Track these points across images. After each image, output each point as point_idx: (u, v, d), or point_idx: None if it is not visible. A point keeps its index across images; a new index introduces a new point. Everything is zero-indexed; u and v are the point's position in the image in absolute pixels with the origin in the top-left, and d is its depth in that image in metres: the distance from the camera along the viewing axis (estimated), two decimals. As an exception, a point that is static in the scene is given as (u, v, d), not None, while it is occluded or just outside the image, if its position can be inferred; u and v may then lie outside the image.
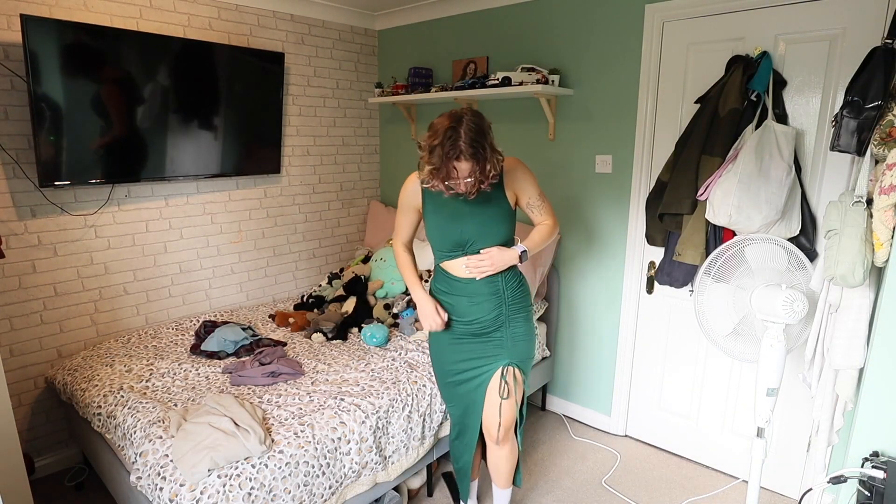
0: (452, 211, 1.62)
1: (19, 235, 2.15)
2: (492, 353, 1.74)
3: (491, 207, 1.62)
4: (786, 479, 2.23)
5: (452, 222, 1.63)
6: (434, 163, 1.45)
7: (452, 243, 1.65)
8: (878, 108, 1.29)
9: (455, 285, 1.72)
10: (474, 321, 1.72)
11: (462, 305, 1.72)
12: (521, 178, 1.66)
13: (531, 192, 1.69)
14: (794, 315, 1.54)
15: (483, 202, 1.60)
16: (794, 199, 1.92)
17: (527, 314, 1.77)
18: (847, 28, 1.84)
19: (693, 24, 2.18)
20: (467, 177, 1.46)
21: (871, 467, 1.08)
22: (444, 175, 1.47)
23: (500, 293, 1.70)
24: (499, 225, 1.64)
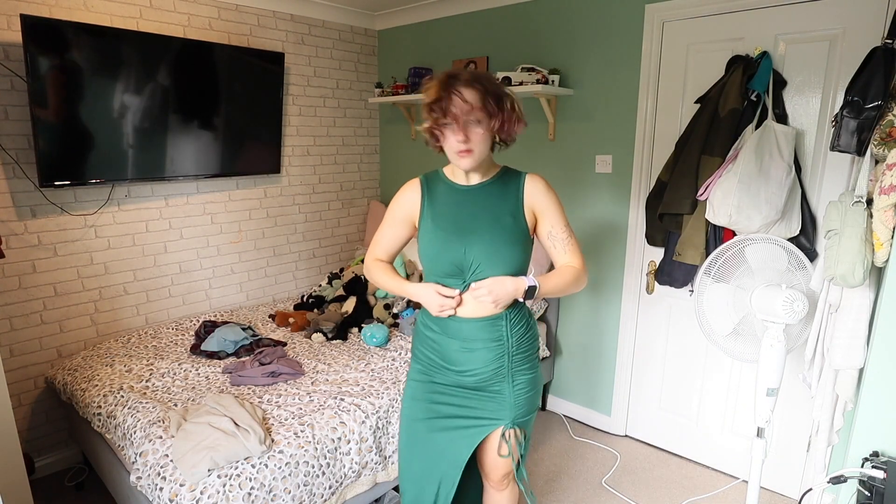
0: (456, 222, 1.31)
1: (19, 235, 2.15)
2: (488, 414, 1.39)
3: (505, 223, 1.30)
4: (786, 479, 2.23)
5: (455, 237, 1.29)
6: (432, 95, 1.22)
7: (451, 265, 1.30)
8: (878, 108, 1.29)
9: (447, 324, 1.36)
10: (467, 372, 1.36)
11: (453, 351, 1.36)
12: (545, 197, 1.34)
13: (555, 219, 1.34)
14: (794, 315, 1.53)
15: (496, 216, 1.31)
16: (794, 199, 1.92)
17: (533, 363, 1.43)
18: (847, 28, 1.84)
19: (693, 24, 2.18)
20: (474, 112, 1.18)
21: (871, 467, 1.08)
22: (444, 107, 1.19)
23: (502, 340, 1.35)
24: (512, 247, 1.30)
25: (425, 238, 1.35)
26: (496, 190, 1.34)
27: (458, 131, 1.20)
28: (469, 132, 1.20)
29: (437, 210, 1.35)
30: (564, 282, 1.34)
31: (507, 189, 1.33)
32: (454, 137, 1.22)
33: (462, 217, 1.32)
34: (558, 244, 1.35)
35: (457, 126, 1.20)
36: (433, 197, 1.36)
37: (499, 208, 1.31)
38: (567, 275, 1.34)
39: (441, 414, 1.40)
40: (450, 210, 1.34)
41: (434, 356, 1.40)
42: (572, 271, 1.35)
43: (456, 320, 1.34)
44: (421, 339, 1.45)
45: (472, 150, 1.22)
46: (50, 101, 2.03)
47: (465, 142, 1.20)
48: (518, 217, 1.32)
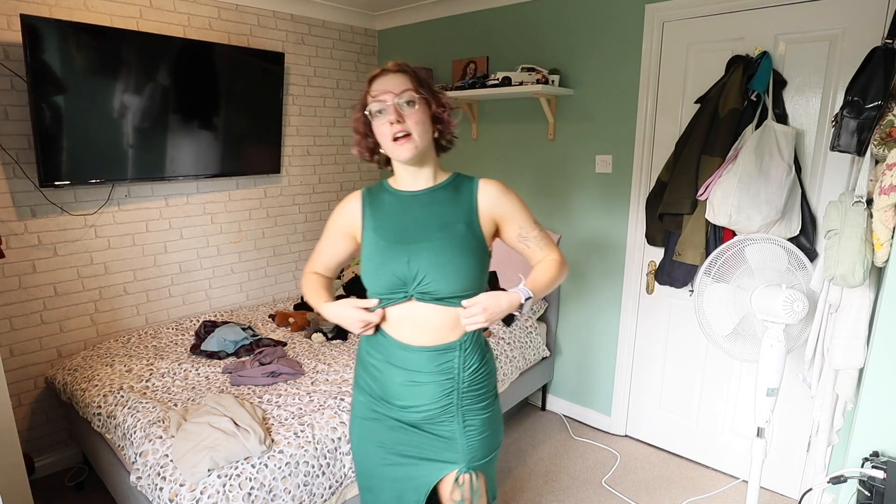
0: (399, 230, 1.17)
1: (19, 235, 2.15)
2: (438, 456, 1.22)
3: (456, 230, 1.14)
4: (786, 479, 2.23)
5: (397, 246, 1.14)
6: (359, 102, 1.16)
7: (393, 278, 1.14)
8: (878, 108, 1.29)
9: (392, 352, 1.19)
10: (410, 408, 1.19)
11: (395, 383, 1.19)
12: (504, 201, 1.20)
13: (522, 220, 1.23)
14: (794, 315, 1.53)
15: (445, 222, 1.15)
16: (794, 200, 1.92)
17: (488, 402, 1.25)
18: (847, 28, 1.84)
19: (693, 24, 2.18)
20: (406, 93, 1.10)
21: (871, 467, 1.08)
22: (372, 95, 1.12)
23: (453, 374, 1.18)
24: (463, 257, 1.13)
25: (366, 251, 1.20)
26: (447, 196, 1.19)
27: (391, 113, 1.09)
28: (403, 113, 1.10)
29: (379, 220, 1.20)
30: (551, 278, 1.22)
31: (459, 196, 1.19)
32: (387, 125, 1.10)
33: (406, 224, 1.17)
34: (532, 243, 1.24)
35: (386, 109, 1.10)
36: (376, 208, 1.22)
37: (450, 215, 1.16)
38: (551, 269, 1.23)
39: (392, 452, 1.24)
40: (393, 219, 1.19)
41: (375, 386, 1.24)
42: (554, 264, 1.24)
43: (402, 348, 1.18)
44: (363, 366, 1.28)
45: (411, 133, 1.10)
46: (50, 101, 2.03)
47: (399, 122, 1.09)
48: (472, 225, 1.17)
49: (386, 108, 1.10)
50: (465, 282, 1.14)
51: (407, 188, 1.21)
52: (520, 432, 2.75)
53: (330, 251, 1.33)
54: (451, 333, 1.17)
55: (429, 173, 1.20)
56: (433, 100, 1.15)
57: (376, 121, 1.12)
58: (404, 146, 1.11)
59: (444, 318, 1.15)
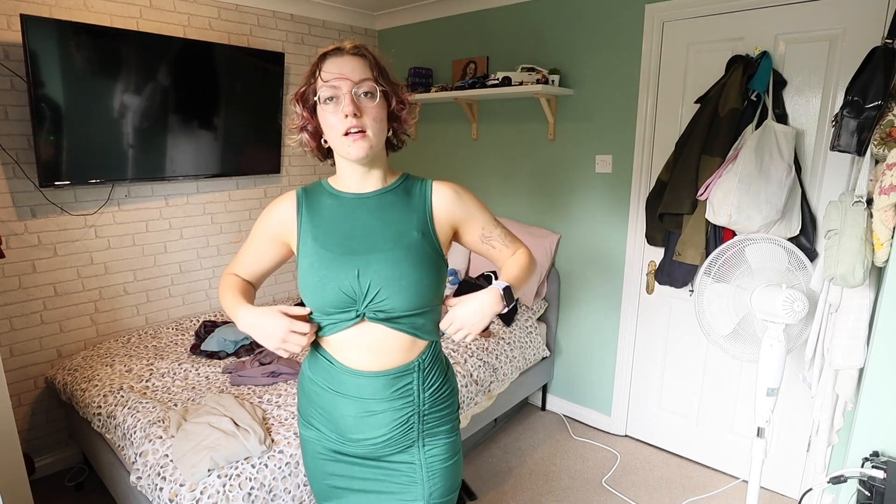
0: (346, 239, 1.01)
1: (19, 235, 2.15)
2: (395, 491, 1.09)
3: (410, 239, 1.01)
4: (786, 479, 2.23)
5: (344, 257, 0.99)
6: (304, 78, 0.99)
7: (339, 294, 0.97)
8: (878, 108, 1.29)
9: (339, 379, 1.04)
10: (367, 441, 1.05)
11: (346, 415, 1.04)
12: (462, 204, 1.07)
13: (484, 220, 1.11)
14: (794, 315, 1.53)
15: (399, 230, 1.01)
16: (795, 199, 1.92)
17: (452, 423, 1.13)
18: (847, 28, 1.84)
19: (693, 24, 2.18)
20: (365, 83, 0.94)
21: (871, 467, 1.08)
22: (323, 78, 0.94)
23: (412, 397, 1.04)
24: (420, 269, 0.99)
25: (305, 262, 1.02)
26: (397, 200, 1.04)
27: (347, 104, 0.92)
28: (360, 105, 0.94)
29: (319, 227, 1.03)
30: (523, 268, 1.10)
31: (410, 200, 1.04)
32: (339, 116, 0.93)
33: (354, 232, 1.01)
34: (497, 242, 1.12)
35: (340, 98, 0.93)
36: (314, 211, 1.05)
37: (402, 222, 1.02)
38: (522, 260, 1.12)
39: (351, 489, 1.11)
40: (337, 225, 1.02)
41: (325, 419, 1.08)
42: (523, 255, 1.14)
43: (351, 374, 1.02)
44: (307, 396, 1.11)
45: (366, 131, 0.94)
46: (50, 101, 2.03)
47: (355, 115, 0.92)
48: (428, 234, 1.03)
49: (339, 96, 0.93)
50: (423, 298, 1.00)
51: (351, 190, 1.05)
52: (520, 432, 2.75)
53: (255, 257, 1.13)
54: (406, 354, 1.03)
55: (378, 175, 1.04)
56: (393, 94, 1.00)
57: (324, 108, 0.95)
58: (357, 144, 0.94)
59: (398, 338, 1.01)
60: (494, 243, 1.13)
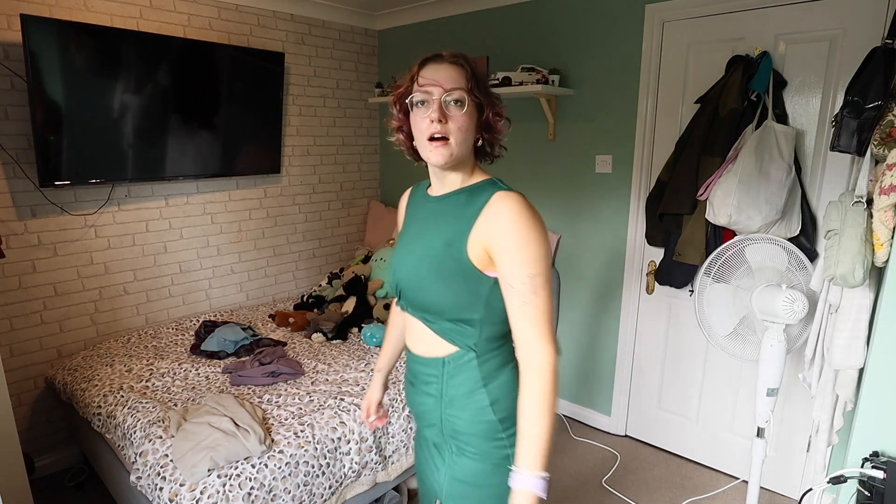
0: (408, 234, 1.12)
1: (19, 235, 2.15)
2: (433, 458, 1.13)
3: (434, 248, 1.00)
4: (786, 479, 2.23)
5: (398, 253, 1.11)
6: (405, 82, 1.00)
7: (393, 284, 1.12)
8: (878, 109, 1.29)
9: (407, 350, 1.15)
10: (414, 410, 1.17)
11: (408, 383, 1.17)
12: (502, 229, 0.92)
13: (513, 263, 0.91)
14: (794, 315, 1.54)
15: (432, 237, 1.01)
16: (794, 200, 1.92)
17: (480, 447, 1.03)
18: (847, 28, 1.84)
19: (693, 25, 2.18)
20: (455, 92, 0.93)
21: (871, 467, 1.08)
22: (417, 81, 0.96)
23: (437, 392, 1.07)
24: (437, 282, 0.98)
25: None
26: (457, 204, 1.01)
27: (433, 109, 0.93)
28: (446, 113, 0.93)
29: (406, 220, 1.15)
30: (547, 420, 0.90)
31: (468, 206, 0.98)
32: (426, 120, 0.94)
33: (413, 230, 1.09)
34: (514, 299, 0.92)
35: (430, 103, 0.93)
36: (412, 207, 1.16)
37: (443, 228, 1.00)
38: (539, 402, 0.90)
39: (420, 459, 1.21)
40: (411, 221, 1.12)
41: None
42: (539, 386, 0.91)
43: (407, 351, 1.15)
44: None
45: (449, 138, 0.94)
46: (50, 101, 2.03)
47: (440, 122, 0.92)
48: (455, 245, 0.96)
49: (430, 101, 0.94)
50: (441, 306, 1.00)
51: (433, 191, 1.09)
52: (520, 432, 2.75)
53: None
54: (436, 348, 1.05)
55: (455, 179, 1.03)
56: (487, 105, 0.98)
57: (415, 112, 0.97)
58: (438, 150, 0.95)
59: (431, 334, 1.05)
60: (512, 297, 0.93)
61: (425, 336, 1.06)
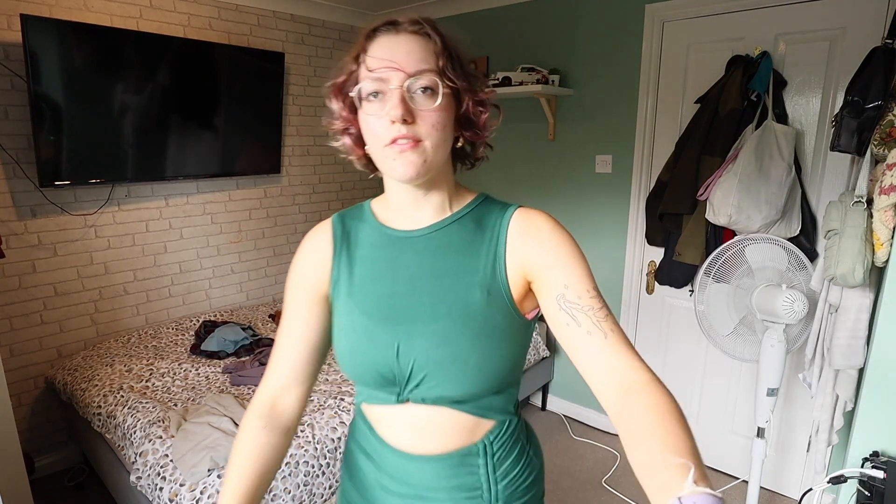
0: (386, 296, 0.73)
1: (19, 235, 2.15)
2: None
3: (471, 299, 0.70)
4: (786, 479, 2.23)
5: (382, 325, 0.72)
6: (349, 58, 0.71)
7: (375, 373, 0.73)
8: (878, 108, 1.29)
9: (385, 459, 0.77)
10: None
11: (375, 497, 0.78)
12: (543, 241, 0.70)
13: (569, 275, 0.68)
14: (794, 315, 1.54)
15: (456, 286, 0.71)
16: (794, 200, 1.93)
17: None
18: (847, 28, 1.84)
19: (693, 25, 2.18)
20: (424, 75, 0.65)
21: (871, 467, 1.08)
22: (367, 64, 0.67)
23: (480, 491, 0.75)
24: (483, 349, 0.69)
25: (338, 322, 0.76)
26: (461, 237, 0.73)
27: (392, 104, 0.63)
28: (414, 107, 0.64)
29: (356, 275, 0.75)
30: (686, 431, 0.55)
31: (481, 236, 0.72)
32: (383, 120, 0.64)
33: (397, 287, 0.72)
34: (582, 317, 0.65)
35: (387, 95, 0.64)
36: (351, 251, 0.77)
37: (464, 273, 0.71)
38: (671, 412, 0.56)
39: None
40: (377, 274, 0.74)
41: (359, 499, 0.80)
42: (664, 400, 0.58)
43: (398, 456, 0.75)
44: (348, 465, 0.84)
45: (421, 139, 0.65)
46: (50, 101, 2.03)
47: (406, 121, 0.63)
48: (497, 291, 0.70)
49: (386, 92, 0.64)
50: (490, 381, 0.70)
51: (399, 223, 0.76)
52: (520, 432, 2.75)
53: (296, 334, 0.78)
54: (469, 435, 0.74)
55: (438, 201, 0.74)
56: (467, 90, 0.69)
57: (367, 107, 0.66)
58: (406, 158, 0.65)
59: (455, 419, 0.73)
60: (579, 316, 0.65)
61: (441, 427, 0.73)
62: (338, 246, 0.78)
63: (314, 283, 0.78)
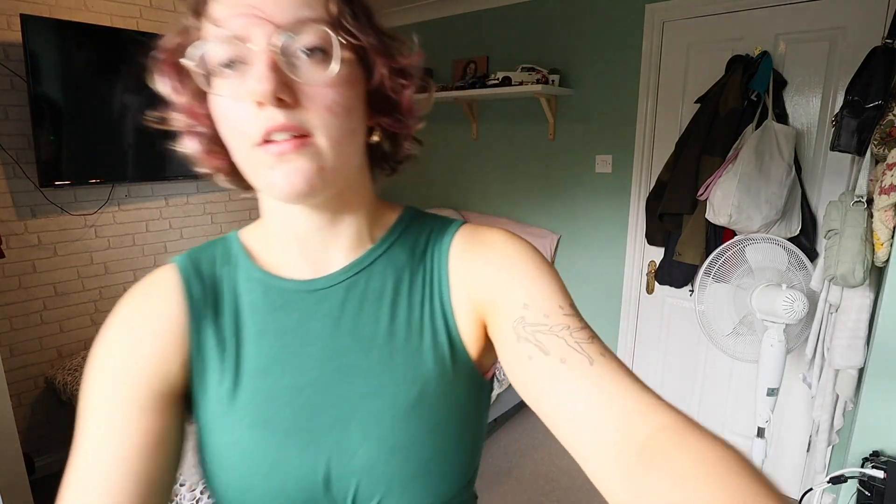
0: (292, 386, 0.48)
1: (19, 235, 2.15)
2: None
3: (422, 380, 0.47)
4: (786, 479, 2.23)
5: (291, 438, 0.47)
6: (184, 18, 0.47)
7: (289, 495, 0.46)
8: (878, 108, 1.30)
9: None
10: None
11: None
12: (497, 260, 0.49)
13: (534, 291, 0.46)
14: (794, 315, 1.54)
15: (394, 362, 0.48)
16: (795, 199, 1.93)
17: None
18: (847, 28, 1.84)
19: (693, 24, 2.18)
20: (291, 24, 0.40)
21: (872, 467, 1.08)
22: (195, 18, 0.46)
23: None
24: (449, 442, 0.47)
25: (212, 446, 0.53)
26: (393, 280, 0.52)
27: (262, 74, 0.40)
28: (293, 78, 0.41)
29: (236, 360, 0.50)
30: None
31: (416, 272, 0.52)
32: (243, 99, 0.42)
33: (308, 375, 0.48)
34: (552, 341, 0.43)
35: (248, 59, 0.42)
36: (224, 318, 0.51)
37: (403, 332, 0.50)
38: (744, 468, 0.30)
39: None
40: (273, 358, 0.49)
41: None
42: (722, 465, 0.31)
43: None
44: None
45: (310, 132, 0.42)
46: (50, 101, 2.03)
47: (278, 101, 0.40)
48: (449, 347, 0.50)
49: (248, 58, 0.42)
50: (457, 487, 0.49)
51: (297, 271, 0.51)
52: (519, 432, 2.75)
53: (111, 464, 0.48)
54: None
55: (354, 230, 0.52)
56: (381, 52, 0.48)
57: (220, 85, 0.45)
58: (289, 164, 0.43)
59: None
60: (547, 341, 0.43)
61: None
62: (196, 310, 0.49)
63: (153, 377, 0.47)
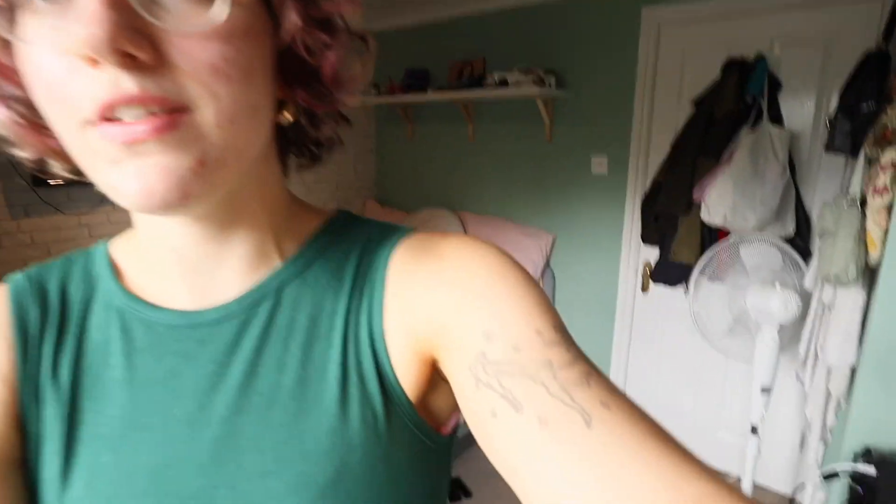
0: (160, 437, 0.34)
1: (12, 234, 2.13)
2: None
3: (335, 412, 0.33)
4: (779, 476, 2.26)
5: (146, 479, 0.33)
6: None
7: None
8: (871, 111, 1.31)
9: None
10: None
11: None
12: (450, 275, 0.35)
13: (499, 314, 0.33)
14: (788, 314, 1.55)
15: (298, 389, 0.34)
16: (789, 200, 1.95)
17: None
18: (842, 32, 1.86)
19: (689, 28, 2.20)
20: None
21: (863, 463, 1.10)
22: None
23: None
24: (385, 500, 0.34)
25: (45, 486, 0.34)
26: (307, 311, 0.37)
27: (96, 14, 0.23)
28: (149, 25, 0.25)
29: (84, 420, 0.35)
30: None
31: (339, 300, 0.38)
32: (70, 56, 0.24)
33: (180, 446, 0.34)
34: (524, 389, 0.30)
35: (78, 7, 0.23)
36: (62, 361, 0.36)
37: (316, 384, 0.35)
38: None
39: None
40: (136, 418, 0.34)
41: None
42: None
43: None
44: None
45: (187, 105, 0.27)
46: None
47: (130, 58, 0.24)
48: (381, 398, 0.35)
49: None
50: None
51: (176, 298, 0.38)
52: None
53: None
54: None
55: (252, 244, 0.39)
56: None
57: (34, 25, 0.25)
58: (145, 160, 0.27)
59: None
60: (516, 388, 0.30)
61: None
62: (29, 349, 0.37)
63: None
